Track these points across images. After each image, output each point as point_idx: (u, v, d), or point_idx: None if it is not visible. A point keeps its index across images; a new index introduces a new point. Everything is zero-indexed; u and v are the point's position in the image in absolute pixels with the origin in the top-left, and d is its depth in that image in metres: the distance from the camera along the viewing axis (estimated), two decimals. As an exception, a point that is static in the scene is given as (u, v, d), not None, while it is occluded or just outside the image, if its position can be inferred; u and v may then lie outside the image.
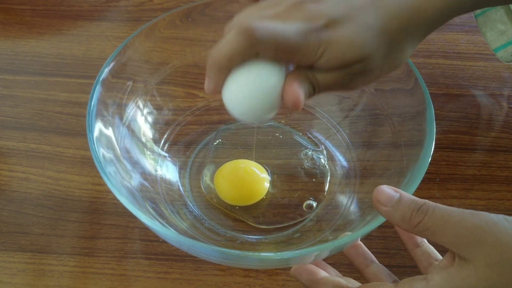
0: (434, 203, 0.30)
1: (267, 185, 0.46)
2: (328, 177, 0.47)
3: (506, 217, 0.29)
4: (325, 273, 0.35)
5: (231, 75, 0.31)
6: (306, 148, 0.49)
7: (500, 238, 0.28)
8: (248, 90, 0.31)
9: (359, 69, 0.32)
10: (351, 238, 0.34)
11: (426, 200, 0.30)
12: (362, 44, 0.31)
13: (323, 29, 0.30)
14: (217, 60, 0.31)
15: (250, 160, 0.48)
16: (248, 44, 0.30)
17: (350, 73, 0.32)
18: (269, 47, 0.30)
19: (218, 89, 0.32)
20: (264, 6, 0.33)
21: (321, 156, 0.48)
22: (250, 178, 0.46)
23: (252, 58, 0.31)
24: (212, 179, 0.47)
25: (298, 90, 0.31)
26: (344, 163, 0.47)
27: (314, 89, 0.32)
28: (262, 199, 0.46)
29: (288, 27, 0.30)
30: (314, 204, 0.45)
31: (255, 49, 0.31)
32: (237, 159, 0.48)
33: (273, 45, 0.30)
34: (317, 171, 0.47)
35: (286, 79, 0.32)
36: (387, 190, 0.31)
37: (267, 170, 0.47)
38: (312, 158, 0.48)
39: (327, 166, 0.48)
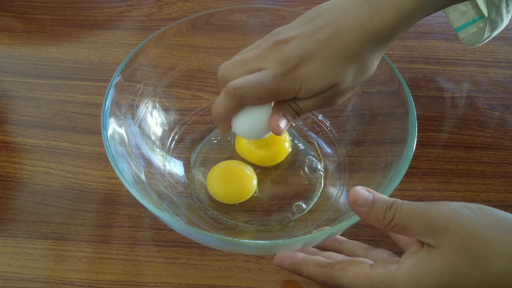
0: (401, 201, 0.30)
1: (255, 182, 0.45)
2: (322, 178, 0.46)
3: (467, 204, 0.29)
4: (303, 254, 0.35)
5: (236, 115, 0.36)
6: (300, 147, 0.48)
7: (462, 224, 0.28)
8: (246, 125, 0.36)
9: (333, 92, 0.34)
10: (333, 231, 0.34)
11: (396, 199, 0.30)
12: (331, 73, 0.33)
13: (295, 69, 0.33)
14: (216, 117, 0.36)
15: (239, 160, 0.46)
16: (235, 102, 0.34)
17: (326, 96, 0.34)
18: (253, 98, 0.33)
19: (228, 131, 0.37)
20: (246, 50, 0.36)
21: (315, 157, 0.47)
22: (237, 180, 0.45)
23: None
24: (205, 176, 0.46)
25: (277, 123, 0.35)
26: (335, 158, 0.47)
27: (298, 114, 0.35)
28: (253, 197, 0.44)
29: (264, 77, 0.33)
30: (304, 205, 0.44)
31: (242, 103, 0.34)
32: (235, 155, 0.47)
33: (256, 95, 0.33)
34: (309, 172, 0.46)
35: (271, 113, 0.35)
36: (362, 191, 0.31)
37: (256, 169, 0.46)
38: (306, 160, 0.47)
39: (319, 167, 0.47)
